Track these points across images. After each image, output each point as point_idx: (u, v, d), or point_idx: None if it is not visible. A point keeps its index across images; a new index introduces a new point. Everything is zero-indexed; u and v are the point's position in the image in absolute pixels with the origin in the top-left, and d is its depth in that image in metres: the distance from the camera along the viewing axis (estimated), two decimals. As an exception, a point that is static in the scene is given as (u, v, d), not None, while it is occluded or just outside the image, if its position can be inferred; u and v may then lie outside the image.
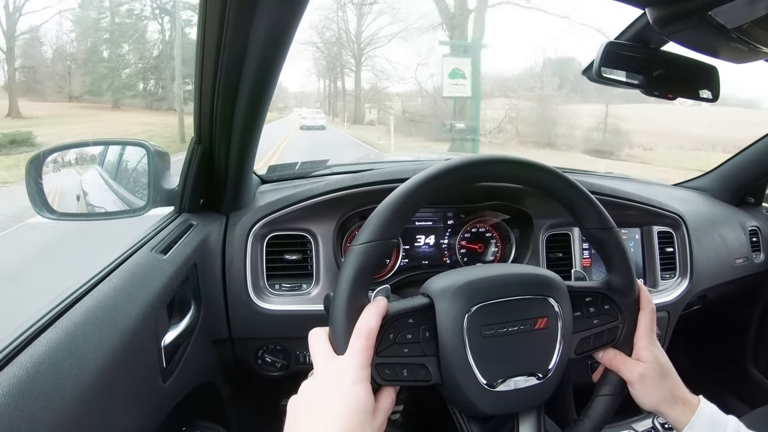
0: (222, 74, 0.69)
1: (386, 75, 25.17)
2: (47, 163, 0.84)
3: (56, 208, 0.84)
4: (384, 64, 25.83)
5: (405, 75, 26.12)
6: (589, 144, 15.11)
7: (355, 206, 1.01)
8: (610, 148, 14.66)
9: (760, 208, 1.62)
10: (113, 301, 0.61)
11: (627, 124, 15.21)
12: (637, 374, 0.60)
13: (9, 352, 0.46)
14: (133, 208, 0.91)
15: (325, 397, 0.47)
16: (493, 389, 0.54)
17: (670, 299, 1.20)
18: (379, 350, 0.51)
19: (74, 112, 20.14)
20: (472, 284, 0.56)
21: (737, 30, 0.58)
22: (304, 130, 20.89)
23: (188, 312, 0.83)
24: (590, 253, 1.18)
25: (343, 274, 0.52)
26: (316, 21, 25.46)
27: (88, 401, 0.49)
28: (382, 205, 0.54)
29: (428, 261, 1.12)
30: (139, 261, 0.72)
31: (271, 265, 0.99)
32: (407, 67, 29.77)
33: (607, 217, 0.61)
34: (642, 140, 15.16)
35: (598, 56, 0.76)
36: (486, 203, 1.10)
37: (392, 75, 25.74)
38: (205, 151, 0.86)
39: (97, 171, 1.03)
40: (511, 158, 0.60)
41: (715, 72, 0.80)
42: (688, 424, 0.58)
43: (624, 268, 0.62)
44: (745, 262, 1.45)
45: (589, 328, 0.61)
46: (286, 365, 1.03)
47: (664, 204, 1.22)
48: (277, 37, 0.62)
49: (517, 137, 16.20)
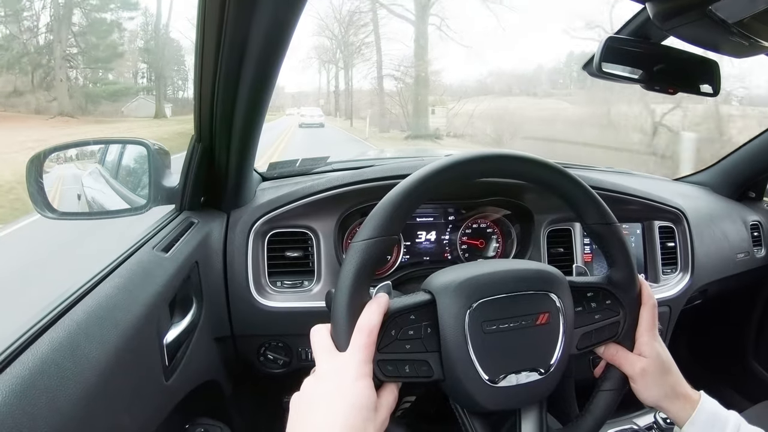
0: (222, 72, 0.69)
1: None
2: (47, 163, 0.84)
3: (57, 208, 0.84)
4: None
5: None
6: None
7: (356, 203, 1.01)
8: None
9: (761, 202, 1.61)
10: (115, 300, 0.61)
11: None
12: (638, 369, 0.60)
13: (12, 351, 0.46)
14: (134, 206, 0.91)
15: (327, 394, 0.47)
16: (495, 385, 0.54)
17: (671, 294, 1.20)
18: (381, 347, 0.51)
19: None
20: (473, 280, 0.56)
21: (738, 24, 0.57)
22: (304, 127, 21.02)
23: (190, 310, 0.84)
24: (591, 248, 1.18)
25: (344, 271, 0.52)
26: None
27: (91, 400, 0.49)
28: (383, 202, 0.54)
29: (429, 257, 1.12)
30: (140, 259, 0.72)
31: (273, 263, 0.99)
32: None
33: (608, 212, 0.61)
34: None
35: (599, 51, 0.75)
36: (487, 199, 1.10)
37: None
38: (205, 148, 0.86)
39: (98, 170, 1.03)
40: (511, 154, 0.60)
41: (715, 67, 0.80)
42: (689, 419, 0.58)
43: (625, 264, 0.62)
44: (746, 256, 1.45)
45: (590, 323, 0.61)
46: (288, 362, 1.03)
47: (665, 199, 1.22)
48: (276, 35, 0.62)
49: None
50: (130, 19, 23.35)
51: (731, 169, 1.59)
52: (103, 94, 22.28)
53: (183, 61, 26.14)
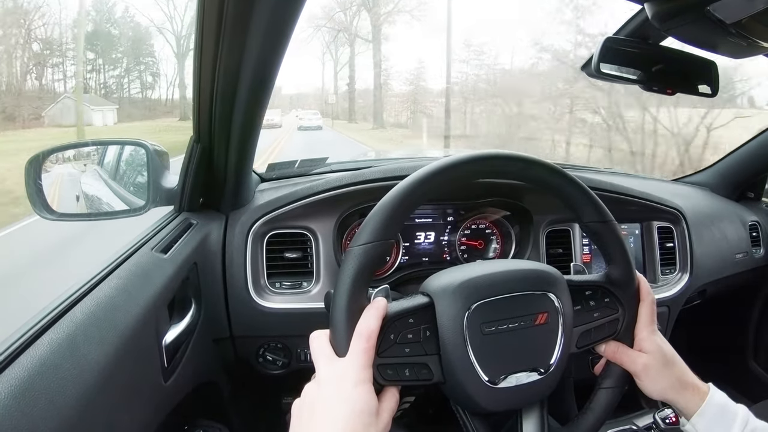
0: (221, 72, 0.69)
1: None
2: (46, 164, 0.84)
3: (56, 209, 0.84)
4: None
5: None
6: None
7: (355, 204, 1.01)
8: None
9: (759, 203, 1.62)
10: (114, 301, 0.61)
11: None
12: (640, 365, 0.60)
13: (10, 353, 0.46)
14: (132, 207, 0.91)
15: (327, 400, 0.47)
16: (496, 386, 0.54)
17: (670, 294, 1.20)
18: (381, 351, 0.51)
19: None
20: (471, 282, 0.56)
21: (736, 25, 0.58)
22: (302, 130, 21.17)
23: (189, 311, 0.84)
24: (590, 248, 1.18)
25: (342, 276, 0.52)
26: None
27: (90, 401, 0.49)
28: (380, 205, 0.54)
29: (428, 258, 1.12)
30: (139, 260, 0.72)
31: (272, 264, 0.99)
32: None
33: (604, 210, 0.61)
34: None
35: (597, 52, 0.76)
36: (486, 200, 1.10)
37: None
38: (204, 149, 0.86)
39: (97, 171, 1.03)
40: (509, 154, 0.59)
41: (714, 67, 0.80)
42: (698, 411, 0.58)
43: (623, 261, 0.62)
44: (745, 256, 1.45)
45: (589, 321, 0.61)
46: (287, 363, 1.03)
47: (663, 199, 1.22)
48: (275, 36, 0.62)
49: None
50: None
51: (730, 170, 1.59)
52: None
53: (147, 49, 21.51)
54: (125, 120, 21.14)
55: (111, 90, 23.28)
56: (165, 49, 27.09)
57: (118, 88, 24.03)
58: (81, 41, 19.54)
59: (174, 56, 25.71)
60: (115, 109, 20.88)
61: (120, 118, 20.95)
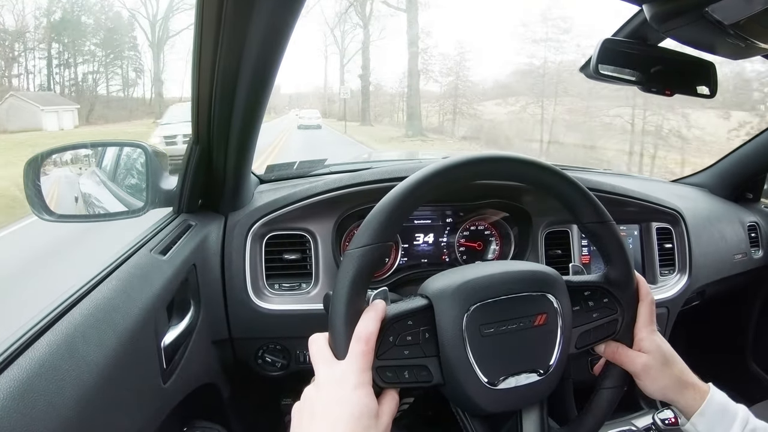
0: (219, 74, 0.69)
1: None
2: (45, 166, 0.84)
3: (54, 210, 0.84)
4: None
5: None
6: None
7: (354, 205, 1.01)
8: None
9: (758, 203, 1.62)
10: (113, 303, 0.61)
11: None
12: (640, 365, 0.60)
13: (9, 354, 0.46)
14: (131, 209, 0.91)
15: (327, 403, 0.47)
16: (495, 387, 0.54)
17: (669, 295, 1.20)
18: (380, 353, 0.51)
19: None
20: (469, 284, 0.56)
21: (734, 26, 0.58)
22: (302, 129, 21.21)
23: (188, 312, 0.83)
24: (589, 249, 1.18)
25: (340, 279, 0.52)
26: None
27: (89, 402, 0.49)
28: (378, 207, 0.54)
29: (427, 259, 1.12)
30: (138, 262, 0.72)
31: (270, 265, 0.99)
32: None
33: (603, 211, 0.61)
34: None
35: (595, 53, 0.76)
36: (485, 201, 1.10)
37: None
38: (203, 151, 0.86)
39: (95, 172, 1.03)
40: (507, 156, 0.59)
41: (712, 68, 0.80)
42: (698, 410, 0.58)
43: (621, 261, 0.62)
44: (743, 257, 1.45)
45: (588, 321, 0.61)
46: (287, 365, 1.03)
47: (662, 200, 1.22)
48: (274, 37, 0.62)
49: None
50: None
51: (728, 171, 1.59)
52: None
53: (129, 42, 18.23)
54: (98, 122, 18.05)
55: (81, 88, 20.40)
56: (140, 37, 23.49)
57: (90, 86, 21.32)
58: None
59: (148, 46, 23.23)
60: (75, 109, 17.51)
61: (90, 120, 17.68)
